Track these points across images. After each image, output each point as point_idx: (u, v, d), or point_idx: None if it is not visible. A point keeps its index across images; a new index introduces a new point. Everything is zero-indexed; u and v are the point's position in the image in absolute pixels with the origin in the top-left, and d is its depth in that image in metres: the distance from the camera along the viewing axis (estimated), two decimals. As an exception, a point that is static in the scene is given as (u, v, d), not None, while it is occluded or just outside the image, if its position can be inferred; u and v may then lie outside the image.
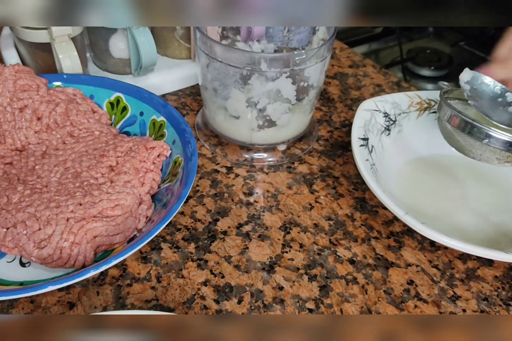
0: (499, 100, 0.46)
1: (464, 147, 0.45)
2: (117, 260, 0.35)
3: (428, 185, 0.51)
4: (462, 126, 0.43)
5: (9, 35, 0.57)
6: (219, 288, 0.40)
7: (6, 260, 0.40)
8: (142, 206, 0.42)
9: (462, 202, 0.49)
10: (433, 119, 0.53)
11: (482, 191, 0.50)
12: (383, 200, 0.42)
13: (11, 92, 0.47)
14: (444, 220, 0.47)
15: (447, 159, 0.53)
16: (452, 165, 0.53)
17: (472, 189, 0.51)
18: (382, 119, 0.52)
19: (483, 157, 0.44)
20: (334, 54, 0.72)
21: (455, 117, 0.43)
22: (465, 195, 0.50)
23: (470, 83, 0.46)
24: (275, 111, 0.47)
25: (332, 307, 0.40)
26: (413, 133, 0.54)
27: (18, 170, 0.44)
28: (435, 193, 0.50)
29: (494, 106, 0.46)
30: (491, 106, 0.46)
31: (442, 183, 0.51)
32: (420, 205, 0.48)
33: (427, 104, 0.54)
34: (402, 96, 0.54)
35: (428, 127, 0.54)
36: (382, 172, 0.48)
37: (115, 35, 0.55)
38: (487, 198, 0.50)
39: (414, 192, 0.49)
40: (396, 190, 0.49)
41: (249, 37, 0.50)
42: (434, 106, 0.54)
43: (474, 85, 0.46)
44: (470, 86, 0.46)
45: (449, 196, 0.50)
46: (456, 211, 0.48)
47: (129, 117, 0.51)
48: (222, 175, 0.51)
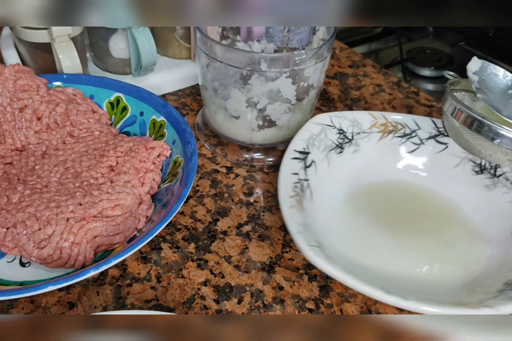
0: (510, 92, 0.43)
1: (473, 147, 0.42)
2: (117, 260, 0.35)
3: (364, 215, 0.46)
4: (469, 123, 0.39)
5: (9, 35, 0.57)
6: (219, 288, 0.40)
7: (6, 260, 0.40)
8: (142, 206, 0.42)
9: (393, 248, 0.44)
10: (397, 144, 0.49)
11: (425, 238, 0.45)
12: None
13: (11, 92, 0.47)
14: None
15: (401, 186, 0.49)
16: (400, 192, 0.48)
17: (413, 231, 0.45)
18: (335, 136, 0.48)
19: (493, 158, 0.41)
20: (334, 54, 0.72)
21: (461, 113, 0.40)
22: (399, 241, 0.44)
23: (478, 73, 0.43)
24: (275, 111, 0.47)
25: (332, 307, 0.40)
26: (371, 156, 0.50)
27: (18, 170, 0.44)
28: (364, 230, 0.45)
29: (505, 99, 0.43)
30: (502, 99, 0.43)
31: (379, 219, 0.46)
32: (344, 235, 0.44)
33: (392, 127, 0.49)
34: (365, 115, 0.50)
35: (389, 151, 0.50)
36: (317, 189, 0.45)
37: (115, 35, 0.55)
38: (425, 246, 0.44)
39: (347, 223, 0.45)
40: (329, 209, 0.45)
41: (249, 37, 0.50)
42: (400, 130, 0.49)
43: (483, 76, 0.43)
44: (479, 77, 0.43)
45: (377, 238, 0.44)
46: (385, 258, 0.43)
47: (129, 117, 0.51)
48: (222, 175, 0.51)
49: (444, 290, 0.40)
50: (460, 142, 0.43)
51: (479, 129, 0.39)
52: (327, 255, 0.37)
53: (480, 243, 0.44)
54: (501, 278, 0.39)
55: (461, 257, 0.43)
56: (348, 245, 0.43)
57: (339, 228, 0.44)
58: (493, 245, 0.43)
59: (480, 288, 0.39)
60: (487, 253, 0.43)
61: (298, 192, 0.43)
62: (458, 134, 0.42)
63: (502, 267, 0.40)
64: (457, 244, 0.44)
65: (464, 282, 0.40)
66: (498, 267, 0.41)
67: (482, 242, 0.44)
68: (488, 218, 0.45)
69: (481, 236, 0.44)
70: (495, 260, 0.42)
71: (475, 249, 0.43)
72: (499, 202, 0.46)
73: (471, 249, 0.43)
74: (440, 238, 0.44)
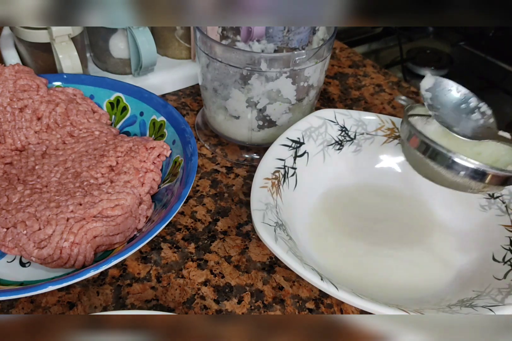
0: (463, 107, 0.42)
1: (432, 174, 0.39)
2: (117, 260, 0.35)
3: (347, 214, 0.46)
4: (423, 150, 0.38)
5: (9, 35, 0.57)
6: (219, 288, 0.40)
7: (6, 260, 0.40)
8: (142, 206, 0.42)
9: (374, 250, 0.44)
10: (401, 151, 0.47)
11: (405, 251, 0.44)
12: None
13: (11, 92, 0.47)
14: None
15: (396, 191, 0.48)
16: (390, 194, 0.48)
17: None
18: (336, 133, 0.48)
19: (453, 186, 0.39)
20: (334, 54, 0.72)
21: (415, 138, 0.38)
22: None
23: (431, 90, 0.42)
24: (275, 111, 0.47)
25: (332, 307, 0.40)
26: (372, 158, 0.49)
27: (18, 170, 0.44)
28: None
29: (458, 114, 0.42)
30: (454, 114, 0.41)
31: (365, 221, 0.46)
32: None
33: (399, 133, 0.48)
34: (372, 117, 0.49)
35: (391, 156, 0.49)
36: (304, 180, 0.45)
37: (115, 35, 0.55)
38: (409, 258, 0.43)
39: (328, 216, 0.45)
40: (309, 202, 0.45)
41: (249, 37, 0.50)
42: None
43: (436, 92, 0.42)
44: (432, 94, 0.42)
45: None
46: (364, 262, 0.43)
47: (129, 117, 0.51)
48: (222, 175, 0.51)
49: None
50: (419, 170, 0.42)
51: (433, 157, 0.37)
52: (280, 236, 0.38)
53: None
54: (458, 294, 0.39)
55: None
56: (313, 241, 0.43)
57: (311, 223, 0.44)
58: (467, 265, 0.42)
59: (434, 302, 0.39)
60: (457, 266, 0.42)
61: (278, 176, 0.43)
62: (415, 161, 0.41)
63: (464, 287, 0.40)
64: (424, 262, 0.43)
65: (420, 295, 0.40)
66: (461, 286, 0.40)
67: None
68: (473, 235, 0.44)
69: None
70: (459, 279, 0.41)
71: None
72: (491, 224, 0.44)
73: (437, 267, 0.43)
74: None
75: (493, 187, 0.38)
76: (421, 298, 0.39)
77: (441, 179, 0.39)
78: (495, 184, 0.37)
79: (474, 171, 0.36)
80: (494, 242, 0.42)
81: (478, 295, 0.38)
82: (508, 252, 0.41)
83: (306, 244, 0.42)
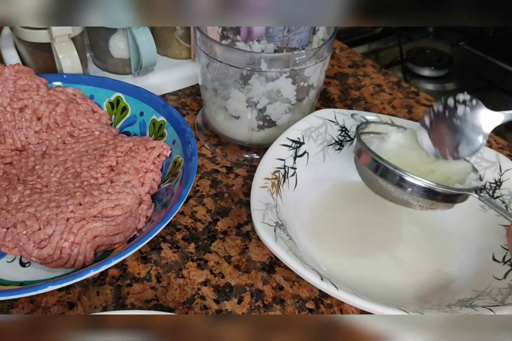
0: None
1: (383, 191, 0.40)
2: (117, 260, 0.35)
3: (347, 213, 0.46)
4: (373, 167, 0.38)
5: (9, 35, 0.57)
6: (219, 288, 0.40)
7: (6, 260, 0.40)
8: (142, 206, 0.42)
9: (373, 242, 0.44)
10: None
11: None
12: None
13: (11, 92, 0.47)
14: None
15: None
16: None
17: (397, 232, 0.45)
18: (336, 132, 0.48)
19: (403, 203, 0.39)
20: (334, 54, 0.72)
21: (365, 155, 0.39)
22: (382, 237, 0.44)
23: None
24: (275, 111, 0.47)
25: (332, 307, 0.40)
26: None
27: (18, 170, 0.44)
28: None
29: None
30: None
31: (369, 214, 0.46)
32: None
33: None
34: (372, 117, 0.49)
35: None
36: (304, 180, 0.45)
37: (115, 35, 0.55)
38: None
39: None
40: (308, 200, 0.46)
41: (249, 37, 0.50)
42: None
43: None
44: None
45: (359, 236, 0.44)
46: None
47: (129, 117, 0.51)
48: (222, 175, 0.51)
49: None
50: (370, 185, 0.42)
51: (383, 174, 0.38)
52: (280, 236, 0.38)
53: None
54: (458, 294, 0.39)
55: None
56: (313, 241, 0.43)
57: (311, 223, 0.44)
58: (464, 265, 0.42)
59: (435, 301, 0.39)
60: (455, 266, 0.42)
61: (278, 176, 0.43)
62: (367, 177, 0.41)
63: (464, 287, 0.40)
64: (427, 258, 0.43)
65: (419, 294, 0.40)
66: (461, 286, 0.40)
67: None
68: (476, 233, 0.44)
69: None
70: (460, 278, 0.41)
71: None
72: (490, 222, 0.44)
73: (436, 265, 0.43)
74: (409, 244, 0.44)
75: (441, 204, 0.38)
76: (421, 298, 0.40)
77: (391, 196, 0.39)
78: (443, 202, 0.38)
79: (422, 188, 0.36)
80: (494, 242, 0.42)
81: (478, 295, 0.38)
82: (508, 252, 0.41)
83: (306, 244, 0.42)
